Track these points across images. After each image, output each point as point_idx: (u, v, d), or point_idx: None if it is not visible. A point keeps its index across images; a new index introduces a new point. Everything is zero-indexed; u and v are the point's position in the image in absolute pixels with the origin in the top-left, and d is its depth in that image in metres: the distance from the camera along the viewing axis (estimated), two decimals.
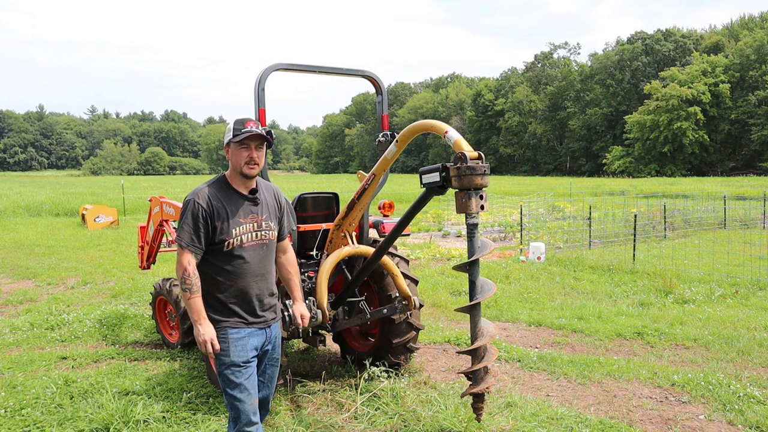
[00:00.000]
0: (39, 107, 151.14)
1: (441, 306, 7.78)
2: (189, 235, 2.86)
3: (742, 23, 76.70)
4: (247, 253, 2.97)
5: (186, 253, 2.86)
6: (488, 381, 2.97)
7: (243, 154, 2.93)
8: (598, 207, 19.14)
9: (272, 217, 3.10)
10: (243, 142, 2.91)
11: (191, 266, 2.86)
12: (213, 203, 2.90)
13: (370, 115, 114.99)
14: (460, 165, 2.85)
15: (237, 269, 2.96)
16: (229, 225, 2.91)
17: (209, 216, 2.88)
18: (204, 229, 2.87)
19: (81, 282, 9.80)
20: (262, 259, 3.04)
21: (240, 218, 2.95)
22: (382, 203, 5.39)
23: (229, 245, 2.91)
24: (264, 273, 3.05)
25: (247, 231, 2.96)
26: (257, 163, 2.96)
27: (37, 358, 5.70)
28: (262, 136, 2.95)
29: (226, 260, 2.94)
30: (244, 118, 2.98)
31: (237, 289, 2.97)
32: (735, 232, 15.66)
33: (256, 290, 3.01)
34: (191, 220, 2.86)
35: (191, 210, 2.87)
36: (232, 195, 2.98)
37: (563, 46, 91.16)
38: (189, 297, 2.86)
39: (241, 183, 3.00)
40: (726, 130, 65.27)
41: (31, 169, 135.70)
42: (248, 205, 3.00)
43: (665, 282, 8.81)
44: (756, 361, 5.48)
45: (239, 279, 2.96)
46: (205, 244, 2.89)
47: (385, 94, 5.03)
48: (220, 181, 3.02)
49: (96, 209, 19.13)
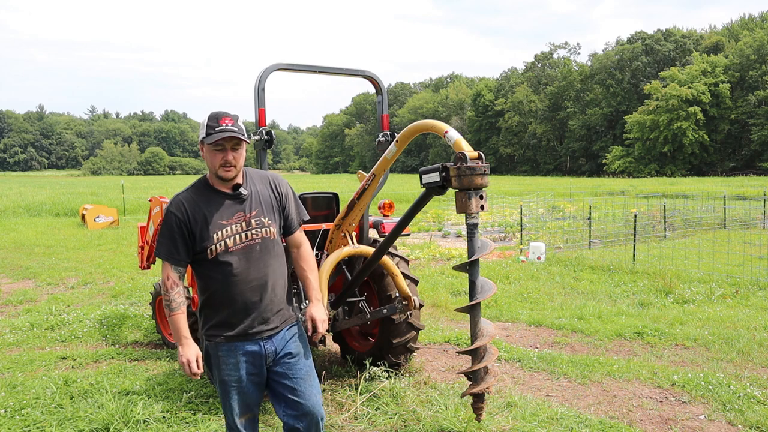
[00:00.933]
0: (39, 107, 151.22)
1: (441, 306, 7.78)
2: (166, 247, 2.64)
3: (742, 23, 76.70)
4: (235, 257, 2.65)
5: (165, 267, 2.66)
6: (488, 381, 2.97)
7: (217, 156, 2.62)
8: (598, 207, 19.14)
9: (268, 211, 2.76)
10: (217, 143, 2.60)
11: (170, 280, 2.63)
12: (188, 209, 2.64)
13: (370, 115, 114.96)
14: (460, 165, 2.85)
15: (225, 278, 2.65)
16: (208, 230, 2.63)
17: (184, 224, 2.63)
18: (182, 239, 2.63)
19: (81, 282, 9.80)
20: (257, 263, 2.70)
21: (222, 220, 2.65)
22: (382, 203, 5.39)
23: (212, 252, 2.63)
24: (260, 277, 2.71)
25: (233, 233, 2.66)
26: (234, 165, 2.65)
27: (37, 358, 5.70)
28: (236, 137, 2.60)
29: (213, 269, 2.66)
30: (219, 112, 2.64)
31: (228, 299, 2.67)
32: (735, 232, 15.66)
33: (251, 299, 2.68)
34: (166, 231, 2.64)
35: (166, 220, 2.66)
36: (212, 196, 2.69)
37: (563, 46, 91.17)
38: (169, 313, 2.64)
39: (221, 183, 2.71)
40: (726, 130, 65.26)
41: (31, 169, 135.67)
42: (232, 204, 2.70)
43: (665, 282, 8.81)
44: (756, 361, 5.48)
45: (229, 288, 2.66)
46: (186, 254, 2.65)
47: (385, 94, 5.02)
48: (199, 183, 2.76)
49: (96, 209, 19.14)
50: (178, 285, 2.65)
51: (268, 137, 4.27)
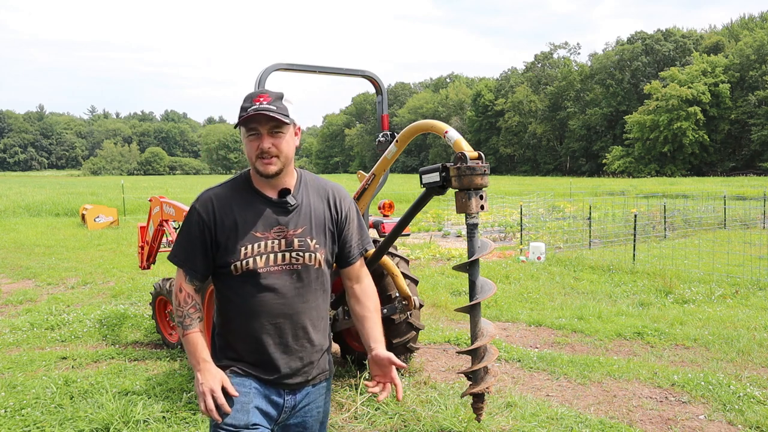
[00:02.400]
0: (39, 107, 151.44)
1: (441, 306, 7.78)
2: (183, 250, 2.12)
3: (742, 23, 76.76)
4: (266, 281, 2.06)
5: (179, 275, 2.13)
6: (488, 381, 2.97)
7: (252, 144, 2.05)
8: (598, 207, 19.14)
9: (318, 231, 2.14)
10: (248, 125, 2.03)
11: (184, 292, 2.10)
12: (217, 211, 2.07)
13: (370, 115, 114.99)
14: (460, 165, 2.85)
15: (245, 304, 2.08)
16: (236, 241, 2.05)
17: (209, 228, 2.06)
18: (202, 246, 2.07)
19: (81, 282, 9.80)
20: (291, 294, 2.10)
21: (256, 231, 2.06)
22: (382, 203, 5.39)
23: (236, 269, 2.05)
24: (292, 314, 2.10)
25: (266, 250, 2.06)
26: (275, 155, 2.04)
27: (37, 358, 5.70)
28: (272, 115, 2.00)
29: (236, 288, 2.09)
30: (257, 91, 2.08)
31: (244, 333, 2.09)
32: (735, 232, 15.66)
33: (275, 339, 2.09)
34: (185, 232, 2.12)
35: (187, 219, 2.13)
36: (251, 199, 2.11)
37: (563, 46, 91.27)
38: (182, 333, 2.09)
39: (264, 182, 2.12)
40: (726, 130, 65.29)
41: (31, 169, 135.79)
42: (273, 213, 2.10)
43: (665, 282, 8.81)
44: (756, 361, 5.48)
45: (248, 320, 2.08)
46: (205, 265, 2.10)
47: (385, 94, 5.02)
48: (238, 180, 2.17)
49: (96, 209, 19.15)
50: (193, 298, 2.12)
51: None
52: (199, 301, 2.13)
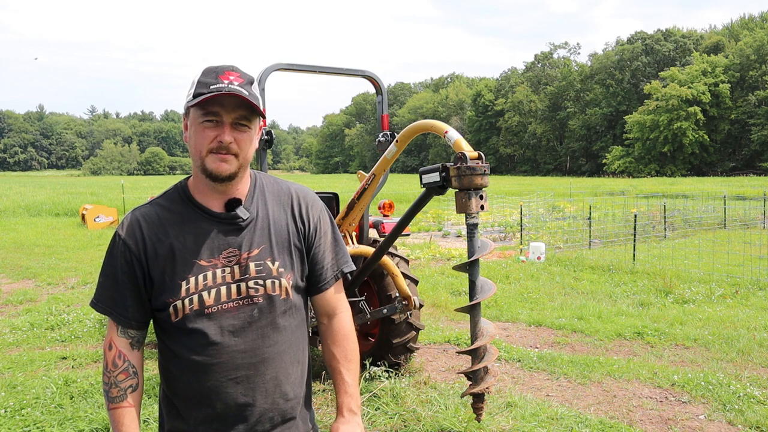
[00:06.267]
0: (39, 107, 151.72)
1: (441, 306, 7.78)
2: (107, 293, 1.58)
3: (742, 23, 76.80)
4: (215, 325, 1.55)
5: (110, 325, 1.60)
6: (488, 381, 2.97)
7: (206, 133, 1.51)
8: (598, 207, 19.13)
9: (279, 250, 1.63)
10: (207, 108, 1.49)
11: (114, 350, 1.58)
12: (147, 237, 1.56)
13: (370, 115, 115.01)
14: (460, 165, 2.85)
15: (195, 358, 1.55)
16: (174, 274, 1.54)
17: (138, 260, 1.55)
18: (132, 285, 1.56)
19: (81, 282, 9.80)
20: (253, 337, 1.58)
21: (200, 258, 1.55)
22: (382, 203, 5.39)
23: (177, 312, 1.54)
24: (256, 363, 1.59)
25: (215, 283, 1.55)
26: (234, 153, 1.53)
27: (37, 358, 5.70)
28: (245, 100, 1.49)
29: (177, 340, 1.57)
30: (222, 66, 1.54)
31: (198, 396, 1.58)
32: (735, 232, 15.66)
33: (237, 399, 1.57)
34: (109, 269, 1.58)
35: (110, 252, 1.60)
36: (190, 216, 1.59)
37: (563, 46, 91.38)
38: (108, 405, 1.59)
39: (209, 192, 1.59)
40: (726, 130, 65.32)
41: (31, 169, 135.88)
42: (221, 233, 1.58)
43: (665, 282, 8.81)
44: (756, 361, 5.48)
45: (200, 377, 1.56)
46: (139, 310, 1.58)
47: (385, 94, 5.02)
48: (172, 194, 1.64)
49: (96, 209, 19.15)
50: (125, 359, 1.58)
51: (268, 137, 4.28)
52: (135, 361, 1.60)
